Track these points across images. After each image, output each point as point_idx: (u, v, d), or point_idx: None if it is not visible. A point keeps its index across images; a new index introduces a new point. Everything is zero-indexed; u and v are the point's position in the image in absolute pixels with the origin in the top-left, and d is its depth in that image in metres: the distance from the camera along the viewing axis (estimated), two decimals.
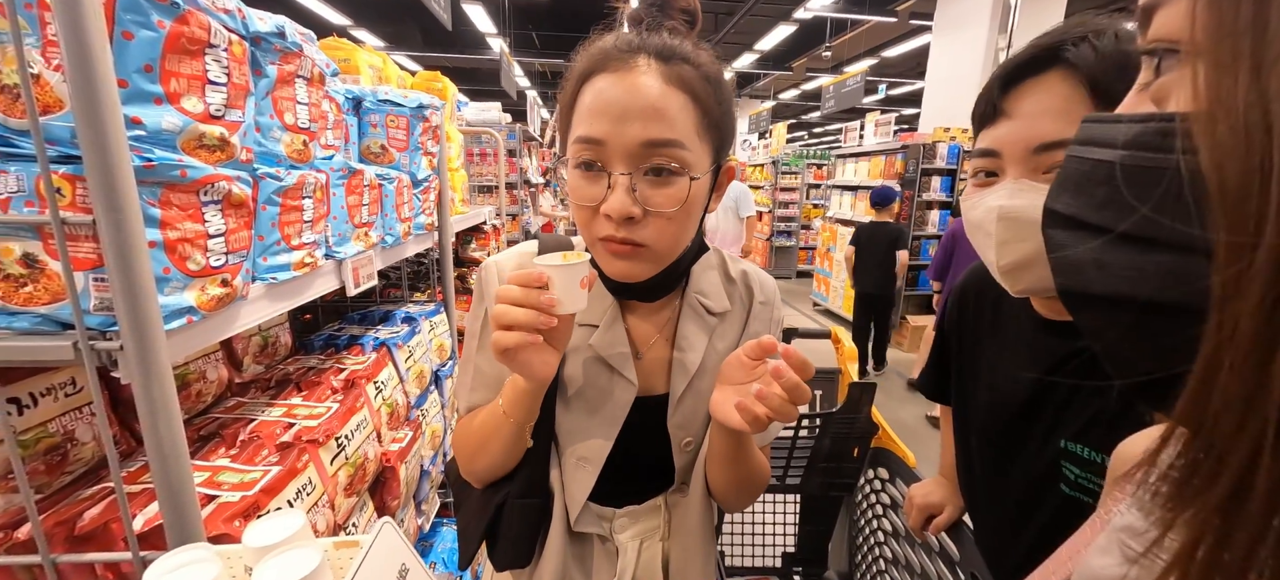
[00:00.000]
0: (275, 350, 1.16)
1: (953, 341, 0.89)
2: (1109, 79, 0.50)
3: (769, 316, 0.72)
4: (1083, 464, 0.62)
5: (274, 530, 0.42)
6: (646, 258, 0.57)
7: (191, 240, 0.59)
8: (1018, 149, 0.56)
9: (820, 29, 8.38)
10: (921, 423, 3.48)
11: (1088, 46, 0.52)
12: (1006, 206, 0.56)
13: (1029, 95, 0.55)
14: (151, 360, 0.53)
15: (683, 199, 0.54)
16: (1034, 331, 0.69)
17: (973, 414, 0.82)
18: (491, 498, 0.69)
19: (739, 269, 0.73)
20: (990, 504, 0.81)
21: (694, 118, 0.53)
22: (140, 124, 0.52)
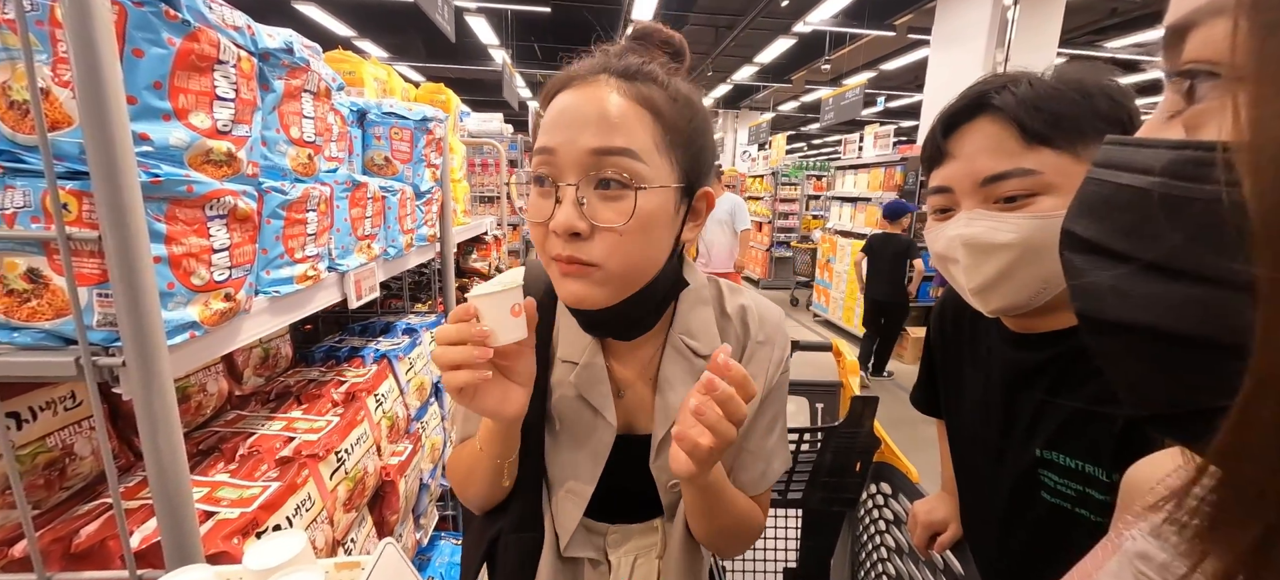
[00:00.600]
0: (276, 362, 1.16)
1: (938, 357, 0.91)
2: (1029, 117, 0.58)
3: (769, 357, 0.65)
4: (1060, 471, 0.65)
5: (275, 552, 0.42)
6: (598, 279, 0.52)
7: (196, 255, 0.59)
8: (966, 183, 0.63)
9: (819, 42, 8.45)
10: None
11: (1008, 93, 0.60)
12: (966, 234, 0.62)
13: (967, 137, 0.63)
14: (154, 376, 0.53)
15: (632, 213, 0.50)
16: (1003, 345, 0.73)
17: (959, 429, 0.86)
18: (487, 530, 0.68)
19: (738, 303, 0.67)
20: (979, 516, 0.83)
21: (653, 131, 0.51)
22: (148, 140, 0.52)
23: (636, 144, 0.50)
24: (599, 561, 0.70)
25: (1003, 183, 0.60)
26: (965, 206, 0.63)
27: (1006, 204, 0.60)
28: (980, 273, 0.62)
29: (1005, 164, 0.59)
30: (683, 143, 0.54)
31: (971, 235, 0.62)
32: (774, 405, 0.68)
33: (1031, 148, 0.58)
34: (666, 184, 0.52)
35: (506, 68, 6.29)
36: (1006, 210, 0.60)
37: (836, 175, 6.74)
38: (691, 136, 0.55)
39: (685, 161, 0.54)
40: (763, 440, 0.67)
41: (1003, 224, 0.60)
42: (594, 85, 0.52)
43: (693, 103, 0.55)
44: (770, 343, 0.66)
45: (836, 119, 7.39)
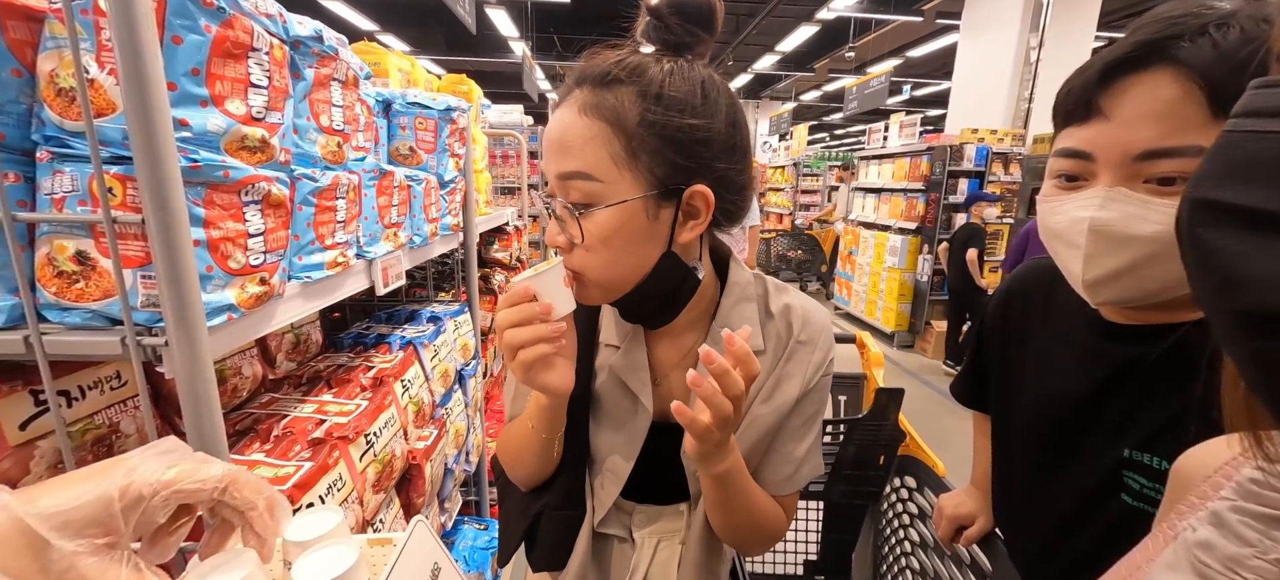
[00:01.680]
0: (307, 348, 1.19)
1: (994, 346, 0.85)
2: (1229, 81, 0.43)
3: (809, 358, 0.63)
4: (1148, 473, 0.59)
5: (313, 526, 0.43)
6: (587, 285, 0.56)
7: (233, 239, 0.60)
8: (1115, 154, 0.50)
9: (843, 29, 8.27)
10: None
11: (1207, 42, 0.45)
12: (1099, 218, 0.51)
13: (1131, 94, 0.49)
14: (195, 356, 0.54)
15: (591, 231, 0.52)
16: (1094, 335, 0.65)
17: (1016, 421, 0.78)
18: (532, 504, 0.71)
19: (783, 302, 0.66)
20: (1033, 514, 0.77)
21: (608, 143, 0.51)
22: (187, 126, 0.53)
23: (589, 164, 0.51)
24: (625, 539, 0.71)
25: (1166, 161, 0.47)
26: (1103, 181, 0.51)
27: (1160, 185, 0.48)
28: (1103, 264, 0.52)
29: (1177, 138, 0.46)
30: (654, 148, 0.51)
31: (1105, 221, 0.50)
32: (810, 408, 0.66)
33: (1219, 120, 0.44)
34: (625, 197, 0.51)
35: (526, 59, 6.30)
36: (1158, 193, 0.48)
37: (860, 166, 6.62)
38: (673, 135, 0.51)
39: (659, 166, 0.51)
40: (794, 443, 0.66)
41: (1150, 211, 0.48)
42: (567, 104, 0.53)
43: (678, 98, 0.51)
44: (812, 344, 0.64)
45: (860, 108, 7.25)
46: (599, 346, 0.68)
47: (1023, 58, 5.26)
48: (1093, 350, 0.65)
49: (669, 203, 0.53)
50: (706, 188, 0.53)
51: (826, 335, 0.66)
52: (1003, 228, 5.14)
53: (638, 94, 0.51)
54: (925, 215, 5.12)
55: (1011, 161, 5.08)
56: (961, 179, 4.98)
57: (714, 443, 0.51)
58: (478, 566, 1.61)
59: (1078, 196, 0.53)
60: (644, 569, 0.70)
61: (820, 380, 0.65)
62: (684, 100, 0.51)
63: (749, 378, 0.48)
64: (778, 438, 0.65)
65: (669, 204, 0.53)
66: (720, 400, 0.47)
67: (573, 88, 0.54)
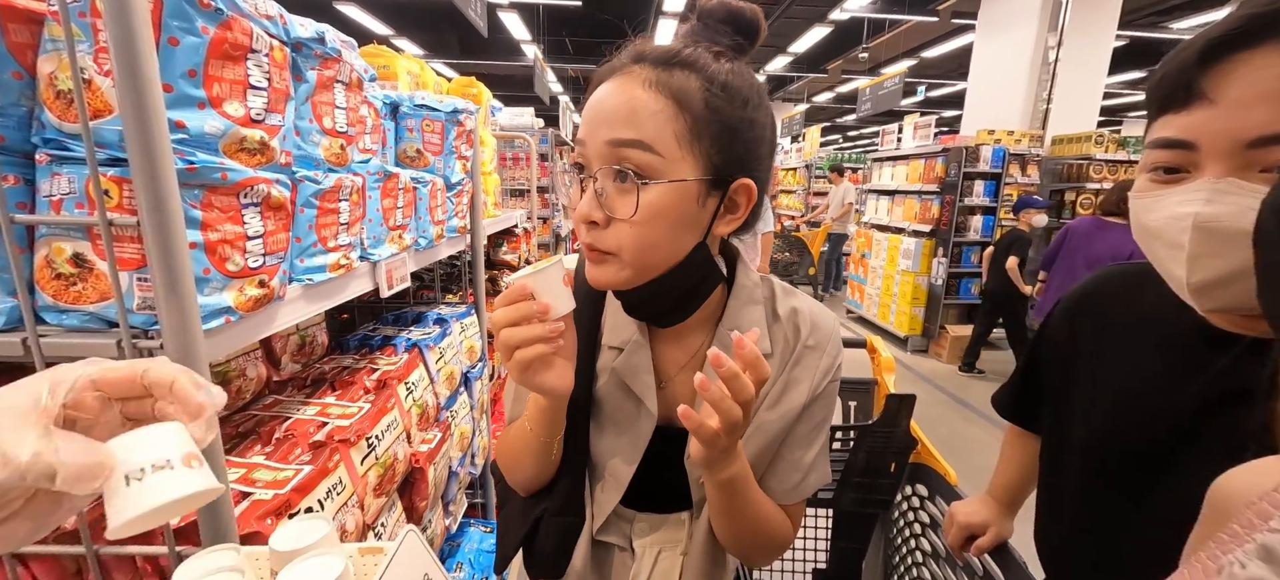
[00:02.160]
0: (312, 349, 1.19)
1: (1054, 360, 0.76)
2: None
3: (817, 363, 0.62)
4: None
5: (300, 535, 0.42)
6: (614, 265, 0.53)
7: (231, 242, 0.60)
8: (1222, 142, 0.45)
9: (857, 30, 8.20)
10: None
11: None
12: (1205, 214, 0.46)
13: (1240, 74, 0.44)
14: (191, 359, 0.54)
15: (645, 204, 0.50)
16: (1199, 345, 0.57)
17: (1082, 443, 0.69)
18: (531, 509, 0.70)
19: (790, 306, 0.64)
20: (1102, 546, 0.68)
21: (675, 123, 0.50)
22: (184, 128, 0.53)
23: (652, 137, 0.50)
24: (625, 547, 0.69)
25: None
26: (1210, 172, 0.46)
27: (1273, 175, 0.44)
28: (1211, 266, 0.47)
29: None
30: (716, 133, 0.51)
31: (1212, 217, 0.45)
32: (818, 415, 0.65)
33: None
34: (684, 177, 0.51)
35: (538, 62, 6.33)
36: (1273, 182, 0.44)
37: (873, 167, 6.54)
38: (734, 126, 0.52)
39: (717, 153, 0.52)
40: (802, 450, 0.64)
41: None
42: (625, 76, 0.52)
43: (740, 90, 0.52)
44: (820, 349, 0.63)
45: (874, 110, 7.17)
46: (602, 349, 0.66)
47: (1041, 57, 5.16)
48: (1196, 362, 0.57)
49: (716, 192, 0.53)
50: (752, 182, 0.54)
51: (835, 340, 0.64)
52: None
53: (703, 81, 0.51)
54: (940, 218, 5.04)
55: (1029, 163, 4.99)
56: (977, 181, 4.89)
57: (721, 449, 0.50)
58: (483, 569, 1.60)
59: (1179, 190, 0.48)
60: (645, 577, 0.68)
61: (828, 386, 0.64)
62: (744, 94, 0.52)
63: (759, 382, 0.46)
64: (785, 444, 0.64)
65: (716, 194, 0.53)
66: (729, 405, 0.46)
67: (630, 63, 0.52)
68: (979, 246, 5.04)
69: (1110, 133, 5.05)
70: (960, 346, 4.90)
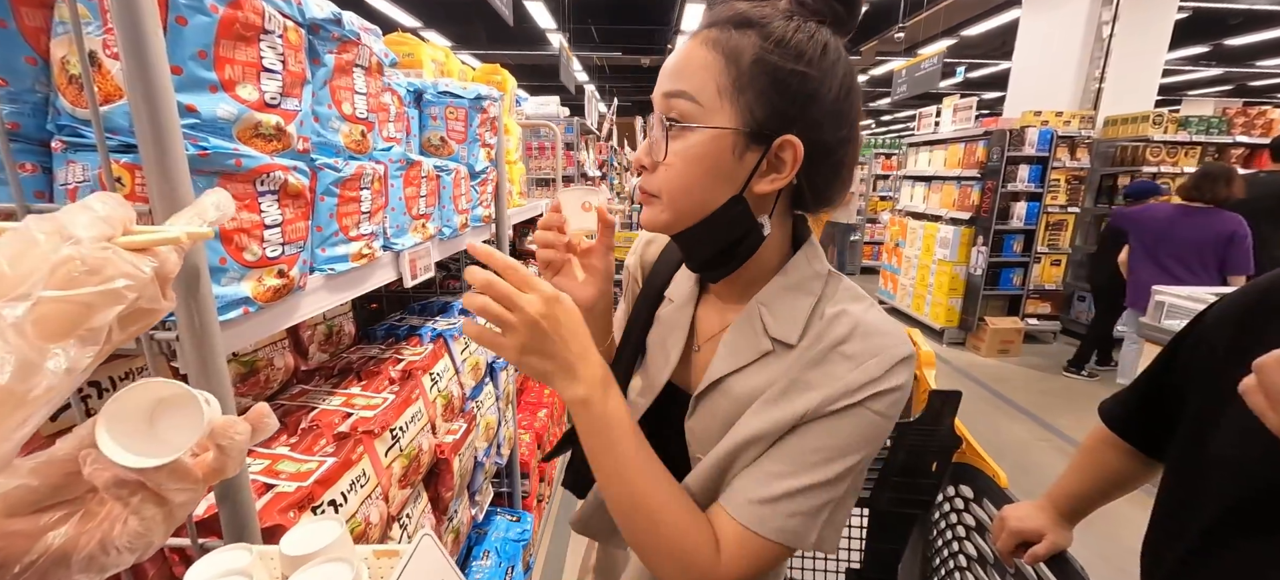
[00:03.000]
0: (340, 339, 1.19)
1: (1202, 374, 0.70)
2: None
3: (843, 374, 0.52)
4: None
5: (310, 539, 0.40)
6: (655, 206, 0.56)
7: (248, 231, 0.58)
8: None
9: (893, 9, 7.88)
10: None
11: None
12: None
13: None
14: (207, 352, 0.53)
15: (681, 150, 0.53)
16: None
17: (1232, 474, 0.63)
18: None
19: (839, 308, 0.56)
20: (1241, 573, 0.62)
21: (718, 74, 0.51)
22: (195, 112, 0.51)
23: (694, 87, 0.51)
24: None
25: None
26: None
27: None
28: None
29: None
30: (762, 87, 0.50)
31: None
32: (821, 439, 0.52)
33: None
34: (721, 126, 0.51)
35: (564, 51, 6.29)
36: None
37: (909, 152, 6.30)
38: (782, 79, 0.50)
39: (760, 106, 0.51)
40: (780, 467, 0.52)
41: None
42: (694, 37, 0.54)
43: (796, 46, 0.50)
44: (854, 360, 0.52)
45: (910, 92, 6.89)
46: (665, 300, 0.70)
47: (1094, 33, 4.85)
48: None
49: (757, 147, 0.52)
50: (799, 141, 0.52)
51: (881, 360, 0.51)
52: (1067, 218, 4.79)
53: (760, 37, 0.51)
54: (981, 204, 4.82)
55: (1079, 146, 4.71)
56: (1022, 165, 4.65)
57: (514, 348, 0.47)
58: (510, 558, 1.60)
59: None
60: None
61: (856, 407, 0.51)
62: (800, 49, 0.50)
63: (519, 286, 0.47)
64: (768, 452, 0.53)
65: (756, 148, 0.52)
66: (481, 301, 0.46)
67: (704, 26, 0.54)
68: (1022, 235, 4.80)
69: (1170, 112, 4.73)
70: (1000, 340, 4.69)
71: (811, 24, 0.52)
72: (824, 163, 0.54)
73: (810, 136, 0.52)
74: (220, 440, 0.35)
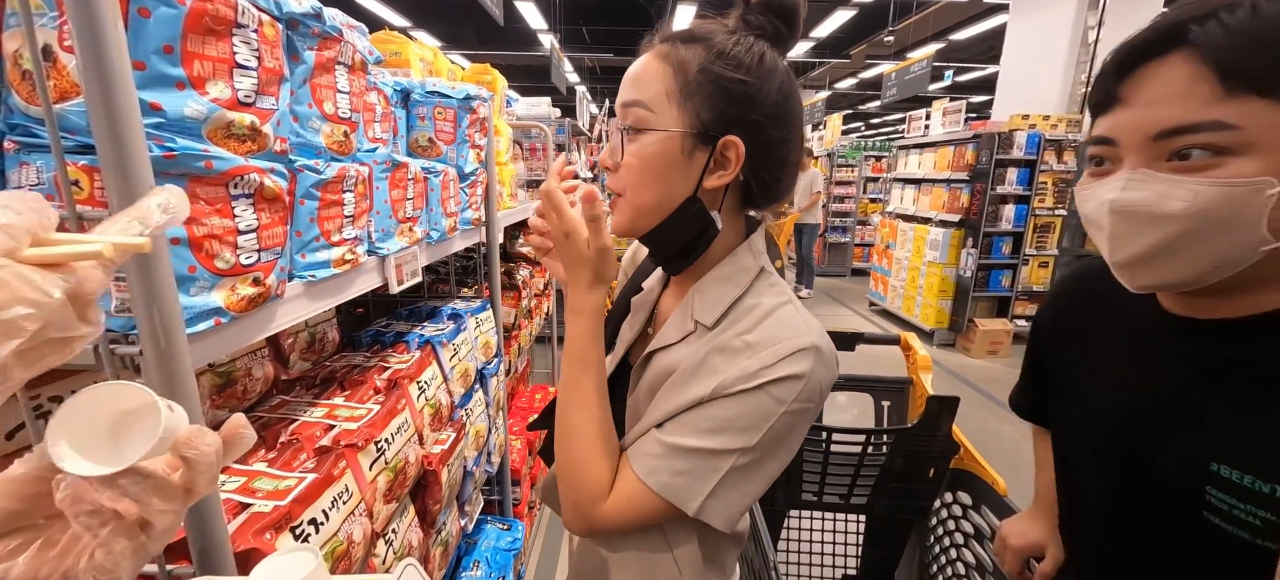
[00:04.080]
0: (323, 347, 1.15)
1: (1049, 352, 0.80)
2: (1241, 57, 0.45)
3: (738, 363, 0.56)
4: (1243, 494, 0.53)
5: (284, 573, 0.37)
6: (620, 205, 0.62)
7: (219, 236, 0.55)
8: (1136, 137, 0.52)
9: (882, 13, 7.93)
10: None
11: (1215, 23, 0.47)
12: (1119, 200, 0.53)
13: (1148, 80, 0.51)
14: (173, 366, 0.49)
15: (637, 151, 0.58)
16: (1165, 332, 0.61)
17: (1079, 434, 0.73)
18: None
19: (758, 300, 0.61)
20: (1109, 542, 0.71)
21: (666, 82, 0.57)
22: (160, 110, 0.48)
23: (646, 95, 0.57)
24: None
25: (1184, 137, 0.48)
26: (1128, 163, 0.52)
27: (1180, 162, 0.49)
28: (1132, 245, 0.53)
29: (1193, 115, 0.47)
30: (707, 94, 0.56)
31: (1129, 202, 0.51)
32: (719, 412, 0.56)
33: (1232, 96, 0.45)
34: (670, 129, 0.57)
35: (555, 52, 6.25)
36: (1181, 170, 0.49)
37: (899, 155, 6.34)
38: (724, 87, 0.56)
39: (706, 110, 0.56)
40: (672, 431, 0.57)
41: (1176, 190, 0.49)
42: (647, 52, 0.60)
43: (736, 57, 0.56)
44: (752, 350, 0.56)
45: (900, 95, 6.94)
46: (640, 290, 0.77)
47: (1080, 38, 4.91)
48: (1163, 349, 0.61)
49: (704, 147, 0.57)
50: (740, 140, 0.57)
51: (776, 350, 0.55)
52: (1054, 220, 4.83)
53: (705, 49, 0.57)
54: (970, 207, 4.85)
55: (1066, 149, 4.76)
56: (1011, 168, 4.69)
57: (565, 254, 0.59)
58: (500, 568, 1.57)
59: (1105, 181, 0.55)
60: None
61: (748, 392, 0.55)
62: (739, 60, 0.56)
63: (561, 213, 0.58)
64: (675, 418, 0.58)
65: (704, 148, 0.58)
66: (547, 205, 0.58)
67: (655, 41, 0.60)
68: (1011, 237, 4.84)
69: None
70: (990, 341, 4.72)
71: (751, 38, 0.58)
72: (767, 160, 0.59)
73: (751, 136, 0.57)
74: (185, 451, 0.32)
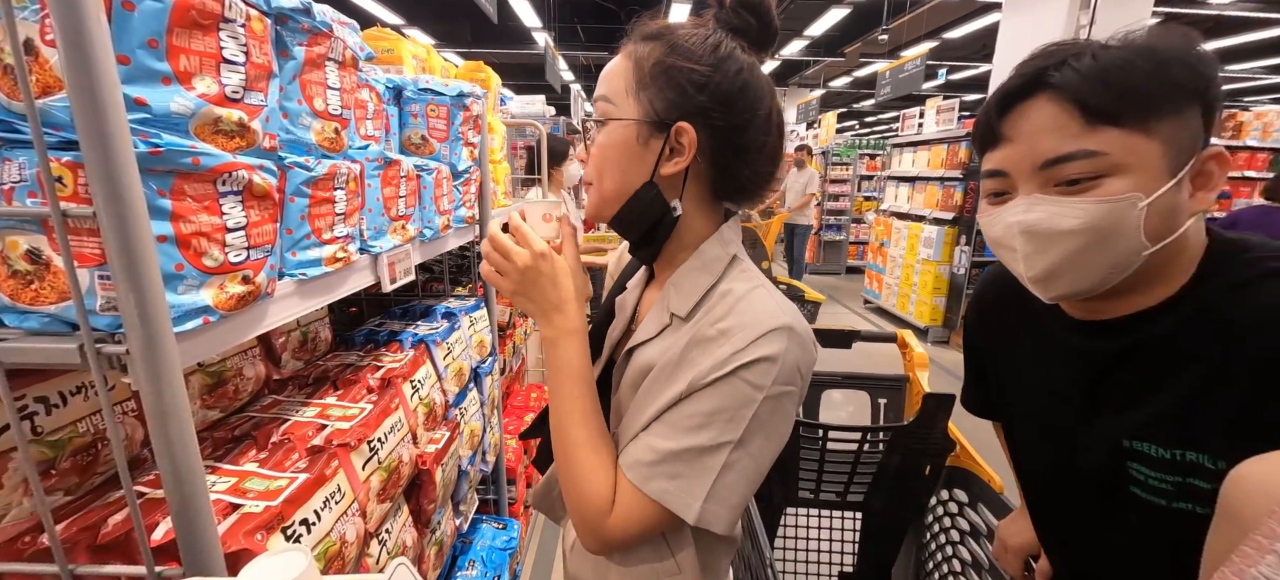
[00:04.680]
0: (315, 345, 1.14)
1: (984, 352, 0.86)
2: (1094, 95, 0.53)
3: (714, 351, 0.56)
4: (1153, 463, 0.61)
5: (274, 574, 0.37)
6: (591, 192, 0.65)
7: (208, 234, 0.54)
8: (1024, 167, 0.59)
9: (876, 12, 7.94)
10: None
11: (1068, 68, 0.55)
12: (1025, 221, 0.59)
13: (1023, 118, 0.58)
14: (160, 365, 0.48)
15: (599, 140, 0.63)
16: (1070, 333, 0.68)
17: (1018, 427, 0.81)
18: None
19: (729, 288, 0.61)
20: (1060, 527, 0.78)
21: (626, 76, 0.61)
22: (145, 106, 0.47)
23: (610, 90, 0.62)
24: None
25: (1064, 166, 0.55)
26: (1023, 190, 0.59)
27: (1068, 187, 0.56)
28: (1042, 260, 0.59)
29: (1067, 145, 0.55)
30: (661, 84, 0.59)
31: (1032, 222, 0.58)
32: (699, 405, 0.56)
33: (1095, 128, 0.53)
34: (626, 117, 0.61)
35: (549, 50, 6.23)
36: (1069, 194, 0.56)
37: (893, 153, 6.35)
38: (676, 77, 0.59)
39: (659, 100, 0.59)
40: (660, 434, 0.57)
41: (1067, 210, 0.56)
42: (619, 51, 0.63)
43: (692, 49, 0.59)
44: (722, 338, 0.56)
45: (894, 93, 6.96)
46: (623, 289, 0.78)
47: (1072, 36, 4.93)
48: (1071, 348, 0.68)
49: (659, 134, 0.60)
50: (691, 127, 0.59)
51: (748, 332, 0.55)
52: None
53: (662, 45, 0.60)
54: (964, 204, 4.87)
55: None
56: None
57: (509, 289, 0.61)
58: (496, 567, 1.56)
59: (1007, 207, 0.61)
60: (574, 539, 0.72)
61: (722, 380, 0.55)
62: (691, 50, 0.59)
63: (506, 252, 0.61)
64: (659, 419, 0.58)
65: (659, 135, 0.60)
66: (490, 254, 0.62)
67: (626, 41, 0.63)
68: None
69: None
70: None
71: (711, 30, 0.61)
72: (726, 145, 0.61)
73: (705, 121, 0.59)
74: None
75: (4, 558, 0.58)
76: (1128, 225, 0.54)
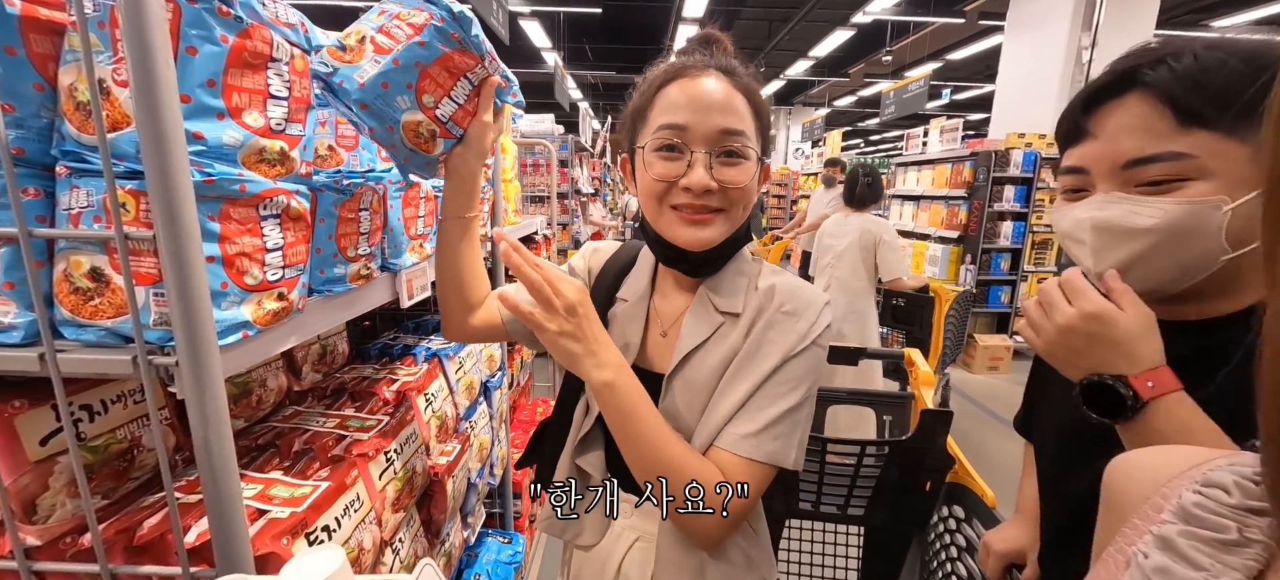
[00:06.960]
0: (333, 358, 1.18)
1: (1038, 368, 0.85)
2: (1188, 97, 0.52)
3: (793, 327, 0.68)
4: None
5: (312, 570, 0.40)
6: (721, 223, 0.68)
7: (249, 255, 0.59)
8: (1105, 166, 0.59)
9: (879, 33, 8.07)
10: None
11: (1165, 68, 0.54)
12: (1098, 217, 0.59)
13: (1111, 116, 0.58)
14: (205, 376, 0.52)
15: (749, 176, 0.67)
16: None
17: (1044, 442, 0.80)
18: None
19: (769, 282, 0.73)
20: (1069, 539, 0.75)
21: (752, 118, 0.68)
22: (202, 139, 0.52)
23: (746, 127, 0.67)
24: (596, 489, 0.74)
25: (1148, 167, 0.55)
26: (1102, 189, 0.59)
27: (1149, 188, 0.55)
28: (1110, 256, 0.59)
29: (1153, 146, 0.54)
30: (763, 128, 0.70)
31: (1105, 219, 0.58)
32: (794, 371, 0.67)
33: (1186, 129, 0.53)
34: (755, 156, 0.68)
35: (558, 70, 6.36)
36: (1149, 193, 0.55)
37: (897, 172, 6.40)
38: (766, 123, 0.71)
39: (760, 142, 0.70)
40: (767, 403, 0.66)
41: (1144, 208, 0.55)
42: (708, 76, 0.67)
43: (763, 98, 0.70)
44: (797, 314, 0.69)
45: (898, 113, 7.03)
46: (618, 301, 0.79)
47: (1074, 58, 5.00)
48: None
49: (758, 170, 0.70)
50: (768, 165, 0.73)
51: (814, 307, 0.69)
52: (1052, 237, 4.87)
53: (754, 89, 0.69)
54: (968, 223, 4.90)
55: None
56: (1008, 185, 4.74)
57: (552, 332, 0.62)
58: None
59: (1081, 203, 0.61)
60: (616, 563, 0.73)
61: (807, 349, 0.68)
62: (763, 98, 0.70)
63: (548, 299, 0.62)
64: (754, 395, 0.67)
65: (758, 171, 0.70)
66: (541, 289, 0.61)
67: (705, 67, 0.68)
68: (1009, 253, 4.88)
69: None
70: (989, 357, 4.74)
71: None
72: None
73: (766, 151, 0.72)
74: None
75: (47, 557, 0.62)
76: (1208, 228, 0.52)
